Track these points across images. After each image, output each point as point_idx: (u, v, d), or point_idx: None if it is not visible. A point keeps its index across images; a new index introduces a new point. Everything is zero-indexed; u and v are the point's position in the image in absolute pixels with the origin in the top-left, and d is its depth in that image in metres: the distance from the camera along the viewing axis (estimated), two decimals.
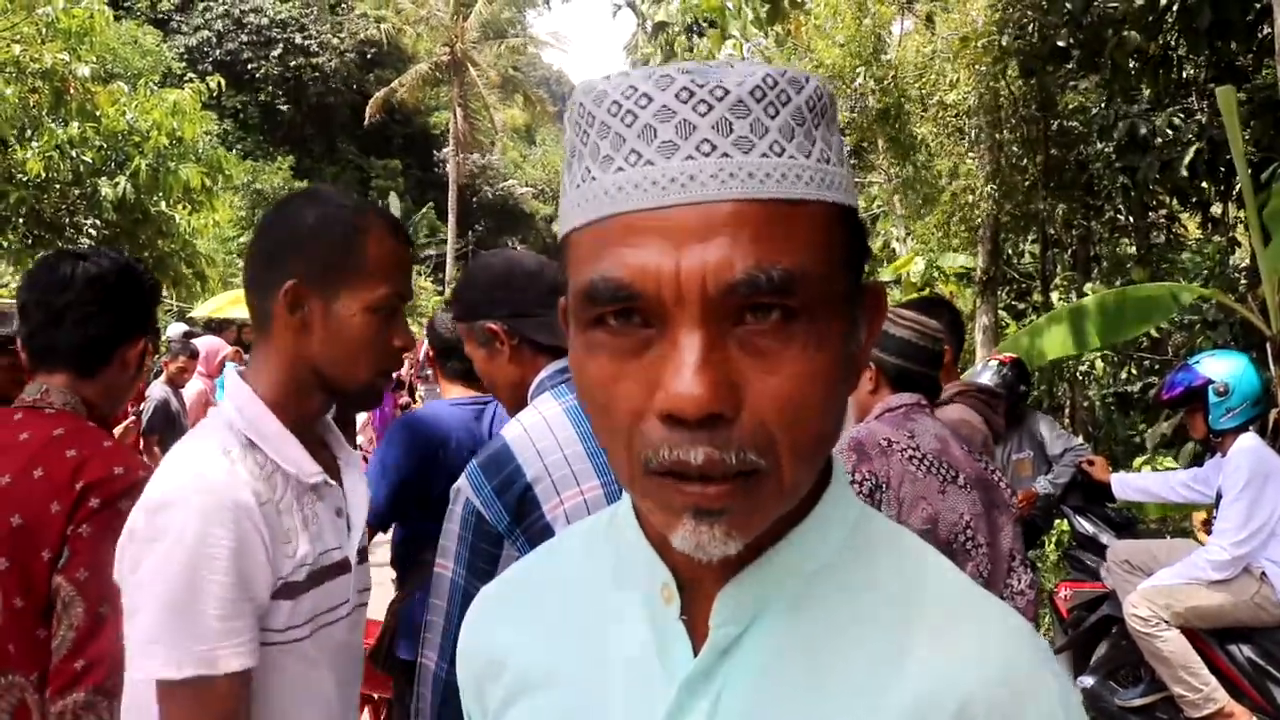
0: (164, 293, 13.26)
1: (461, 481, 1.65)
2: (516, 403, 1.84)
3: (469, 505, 1.61)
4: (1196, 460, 5.59)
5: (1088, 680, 4.14)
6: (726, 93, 0.62)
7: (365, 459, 4.57)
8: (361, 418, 9.70)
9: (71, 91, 8.48)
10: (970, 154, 9.52)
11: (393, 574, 2.95)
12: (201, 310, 12.58)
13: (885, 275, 10.68)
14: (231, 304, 12.79)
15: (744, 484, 0.60)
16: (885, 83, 10.75)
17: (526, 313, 1.80)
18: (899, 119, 10.88)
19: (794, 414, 0.61)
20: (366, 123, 35.30)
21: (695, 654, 0.69)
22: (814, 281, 0.61)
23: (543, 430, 1.66)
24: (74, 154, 8.71)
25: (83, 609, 1.63)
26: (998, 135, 9.12)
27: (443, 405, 2.94)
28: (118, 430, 5.67)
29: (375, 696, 3.32)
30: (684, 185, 0.60)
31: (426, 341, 3.31)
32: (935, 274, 10.73)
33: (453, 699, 1.59)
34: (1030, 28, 7.91)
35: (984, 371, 4.74)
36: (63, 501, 1.65)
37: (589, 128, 0.65)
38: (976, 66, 8.58)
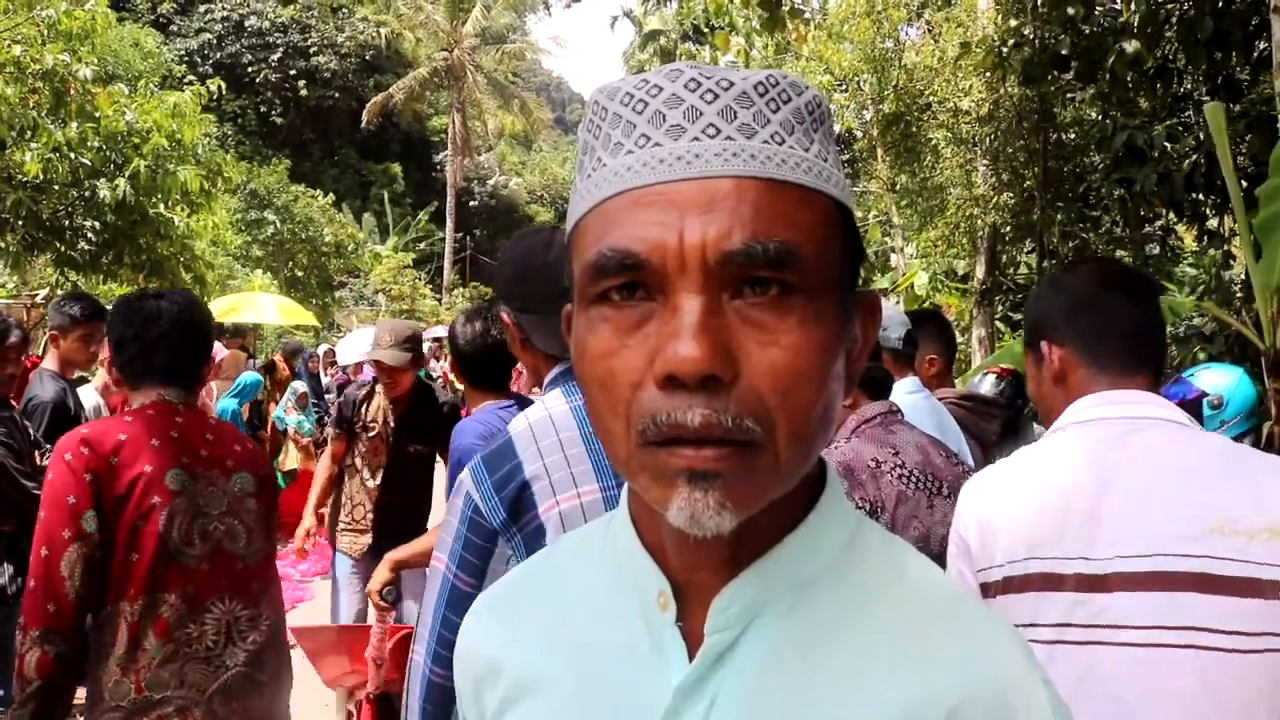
0: None
1: (464, 474, 1.64)
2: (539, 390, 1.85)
3: (469, 499, 1.60)
4: None
5: None
6: (732, 84, 0.66)
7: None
8: None
9: (72, 93, 8.48)
10: (982, 161, 9.56)
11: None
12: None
13: (882, 284, 10.70)
14: (234, 309, 12.58)
15: (740, 452, 0.61)
16: (896, 88, 10.81)
17: (532, 310, 1.79)
18: (910, 124, 10.93)
19: (790, 385, 0.62)
20: (364, 127, 35.36)
21: (691, 660, 0.70)
22: (810, 261, 0.63)
23: (546, 427, 1.65)
24: (72, 155, 8.70)
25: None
26: (1000, 145, 9.17)
27: (490, 414, 2.89)
28: None
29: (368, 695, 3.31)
30: (689, 163, 0.63)
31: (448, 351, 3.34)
32: (939, 285, 10.77)
33: (437, 696, 1.58)
34: (1031, 35, 7.94)
35: (981, 383, 4.74)
36: (268, 469, 2.53)
37: (602, 121, 0.69)
38: (984, 75, 8.62)
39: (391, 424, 4.54)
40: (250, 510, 2.39)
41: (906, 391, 2.97)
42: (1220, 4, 6.32)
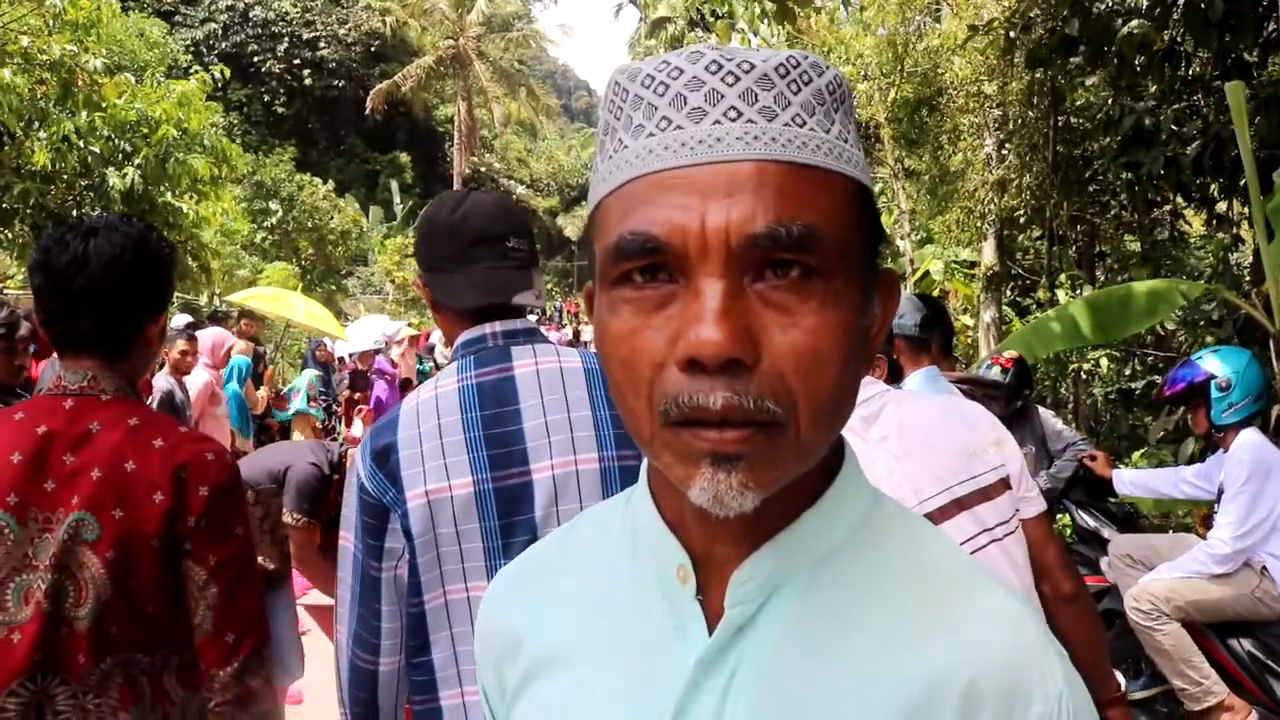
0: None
1: (358, 448, 1.61)
2: None
3: (357, 474, 1.57)
4: (1197, 457, 5.60)
5: None
6: (753, 67, 0.65)
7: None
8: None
9: (79, 83, 8.50)
10: (1005, 146, 9.55)
11: None
12: (241, 296, 11.98)
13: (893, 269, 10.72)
14: (266, 299, 12.10)
15: (762, 433, 0.62)
16: (914, 72, 10.79)
17: (439, 267, 1.71)
18: (934, 109, 10.91)
19: (811, 366, 0.62)
20: (369, 115, 35.30)
21: (710, 633, 0.71)
22: (832, 243, 0.64)
23: (430, 409, 1.59)
24: (81, 144, 8.72)
25: (217, 589, 1.68)
26: (1011, 128, 9.15)
27: None
28: None
29: None
30: (711, 146, 0.63)
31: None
32: (953, 271, 10.76)
33: (364, 681, 1.56)
34: (1038, 18, 7.89)
35: (987, 375, 4.75)
36: (166, 492, 1.65)
37: (623, 103, 0.68)
38: (1002, 65, 8.59)
39: None
40: (83, 564, 1.63)
41: (928, 379, 2.91)
42: None
